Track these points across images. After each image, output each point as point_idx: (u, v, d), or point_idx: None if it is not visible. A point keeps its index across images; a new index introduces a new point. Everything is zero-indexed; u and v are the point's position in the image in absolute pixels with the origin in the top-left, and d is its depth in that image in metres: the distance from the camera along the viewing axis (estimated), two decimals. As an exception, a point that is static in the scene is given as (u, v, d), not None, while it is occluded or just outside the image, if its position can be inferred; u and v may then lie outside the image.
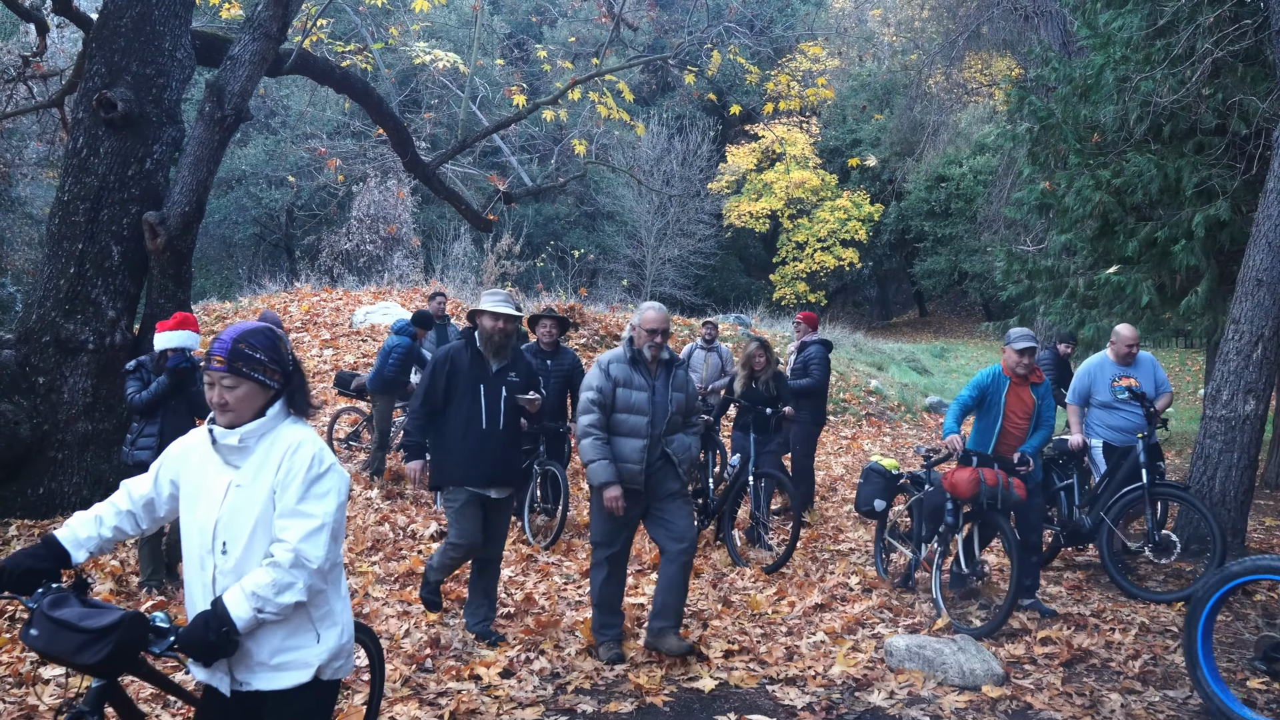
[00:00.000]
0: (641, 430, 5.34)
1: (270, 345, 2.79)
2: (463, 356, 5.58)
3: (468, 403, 5.48)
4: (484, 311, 5.60)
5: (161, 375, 6.20)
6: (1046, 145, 10.99)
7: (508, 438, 5.60)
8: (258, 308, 17.05)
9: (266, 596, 2.63)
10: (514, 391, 5.62)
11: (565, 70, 13.92)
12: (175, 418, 6.26)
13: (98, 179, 7.58)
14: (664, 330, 5.41)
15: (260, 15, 7.86)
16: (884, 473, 7.12)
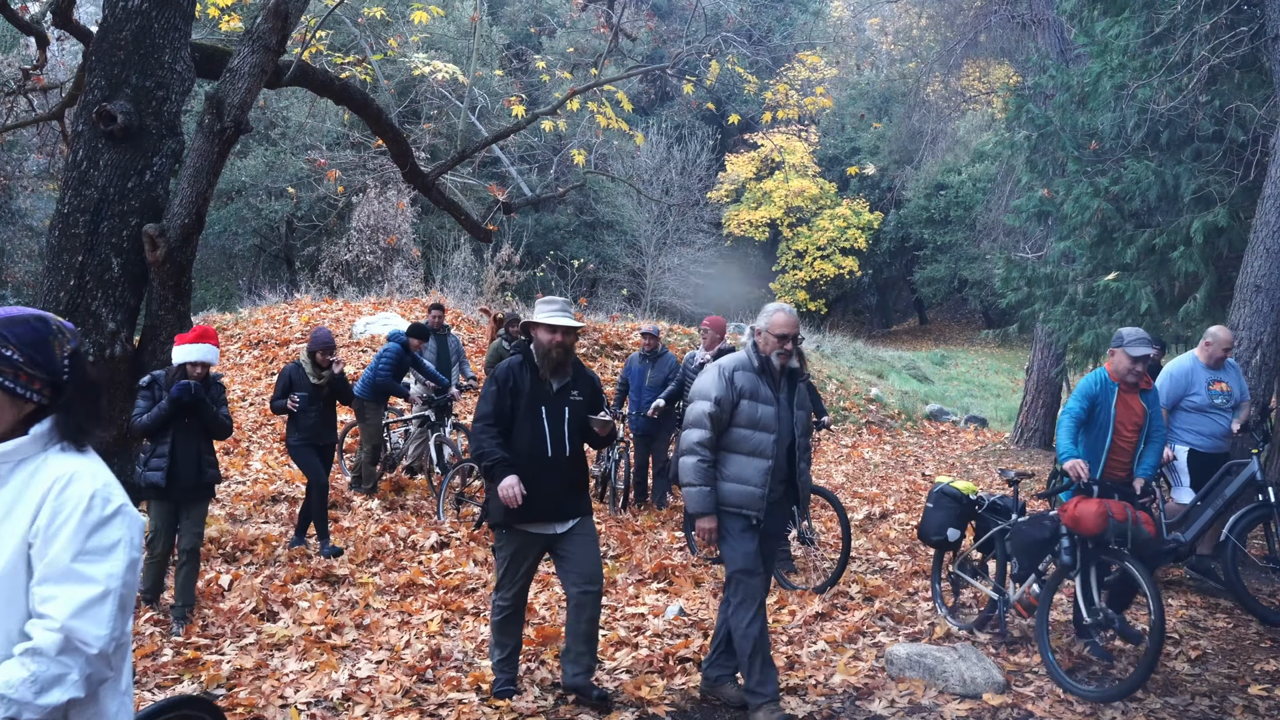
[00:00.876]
0: (767, 450, 4.67)
1: (34, 342, 2.07)
2: (522, 374, 4.83)
3: (529, 428, 4.77)
4: (539, 324, 4.85)
5: (173, 389, 5.99)
6: (1045, 153, 11.03)
7: (573, 467, 4.90)
8: (258, 318, 17.06)
9: (22, 698, 1.86)
10: (579, 413, 4.90)
11: (564, 80, 13.95)
12: (188, 438, 6.05)
13: (98, 191, 7.59)
14: (795, 336, 4.78)
15: (259, 28, 7.88)
16: (959, 497, 6.18)
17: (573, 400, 4.89)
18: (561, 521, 4.82)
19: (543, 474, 4.71)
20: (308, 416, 7.75)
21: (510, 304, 20.37)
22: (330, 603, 6.48)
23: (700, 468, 4.64)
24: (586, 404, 4.95)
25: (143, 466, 6.01)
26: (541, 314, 4.85)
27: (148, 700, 4.72)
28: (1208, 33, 8.39)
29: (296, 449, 7.91)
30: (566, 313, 4.88)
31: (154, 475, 5.90)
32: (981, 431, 17.71)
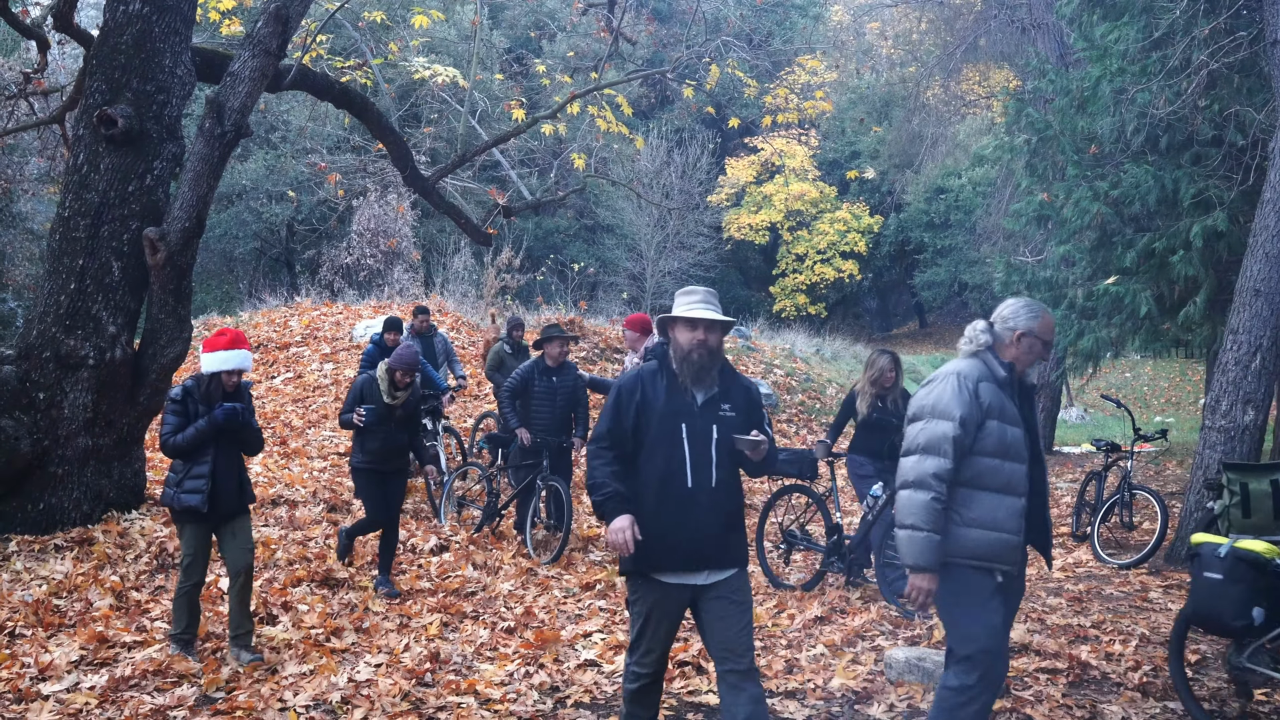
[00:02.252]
0: (1020, 485, 3.82)
1: None
2: (655, 384, 3.88)
3: (663, 451, 3.79)
4: (675, 320, 3.90)
5: (215, 411, 5.39)
6: (1044, 157, 11.04)
7: (724, 501, 3.85)
8: (258, 321, 17.07)
9: None
10: (730, 431, 3.84)
11: (564, 84, 13.98)
12: (229, 456, 5.51)
13: (98, 195, 7.60)
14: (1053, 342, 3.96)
15: (260, 32, 7.90)
16: (1261, 563, 4.51)
17: (723, 416, 3.85)
18: (707, 571, 3.79)
19: (682, 510, 3.77)
20: (374, 437, 6.99)
21: (511, 307, 20.37)
22: (329, 606, 6.48)
23: (934, 508, 3.71)
24: (741, 420, 3.89)
25: (174, 488, 5.41)
26: (680, 306, 3.89)
27: (145, 703, 4.73)
28: (1207, 37, 8.40)
29: (359, 473, 7.17)
30: (711, 304, 3.88)
31: (192, 499, 5.33)
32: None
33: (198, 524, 5.42)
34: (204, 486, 5.34)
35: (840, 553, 7.14)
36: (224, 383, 5.46)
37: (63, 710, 4.66)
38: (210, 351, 5.46)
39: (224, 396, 5.46)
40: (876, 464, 7.19)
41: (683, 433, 3.81)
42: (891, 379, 7.31)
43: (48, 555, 6.97)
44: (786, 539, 7.79)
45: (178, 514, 5.42)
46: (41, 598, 6.16)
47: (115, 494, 7.81)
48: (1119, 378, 26.54)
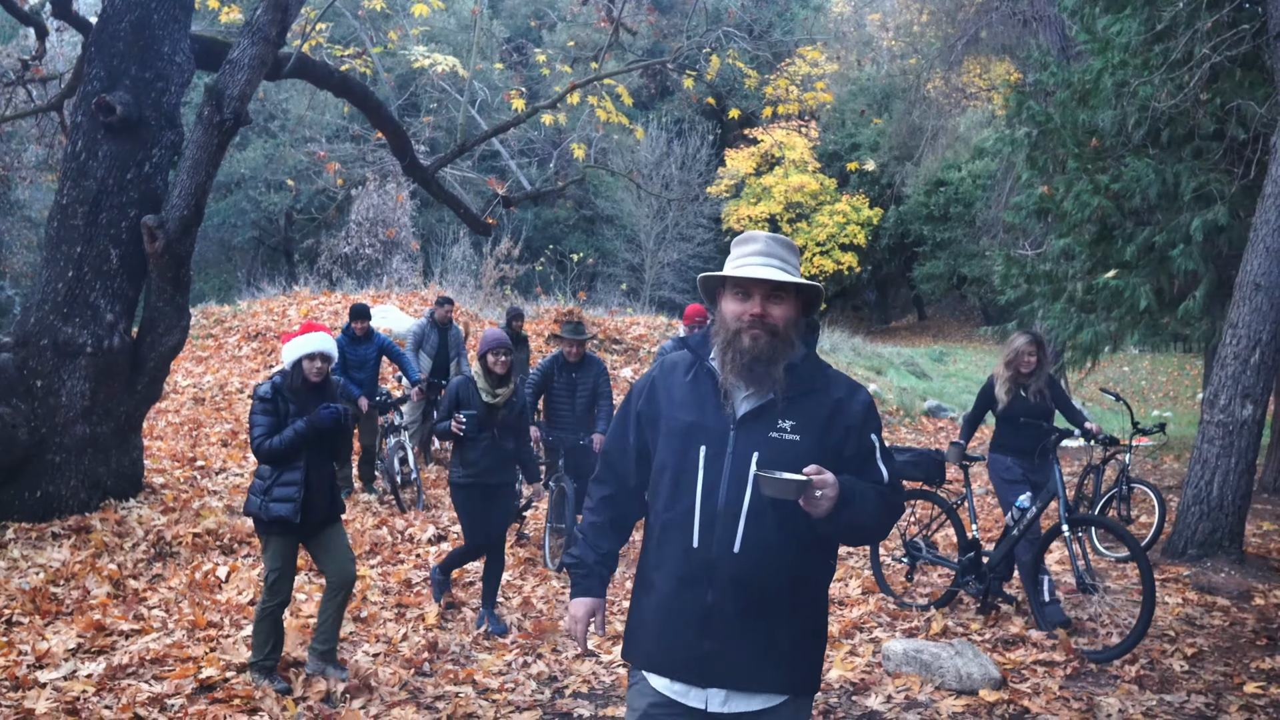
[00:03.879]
0: None
1: None
2: (675, 382, 2.66)
3: (668, 486, 2.58)
4: (725, 284, 2.63)
5: (320, 411, 4.91)
6: (1045, 150, 11.01)
7: (762, 577, 2.50)
8: (256, 310, 17.04)
9: None
10: (783, 464, 2.43)
11: (564, 74, 13.93)
12: (322, 462, 5.04)
13: (96, 183, 7.58)
14: None
15: (259, 19, 7.86)
16: None
17: (775, 439, 2.50)
18: (723, 693, 2.52)
19: (684, 588, 2.52)
20: (475, 447, 6.03)
21: (510, 297, 20.35)
22: (327, 595, 6.47)
23: None
24: (810, 448, 2.49)
25: (261, 496, 4.90)
26: (732, 261, 2.61)
27: (143, 691, 4.72)
28: (1209, 30, 8.37)
29: (458, 490, 6.16)
30: (779, 260, 2.56)
31: (283, 508, 4.84)
32: (982, 429, 17.69)
33: (286, 536, 4.94)
34: (296, 495, 4.85)
35: (978, 571, 6.25)
36: (307, 372, 4.97)
37: (60, 698, 4.66)
38: (289, 342, 5.04)
39: (308, 388, 5.01)
40: (1023, 464, 6.29)
41: (698, 460, 2.51)
42: (1032, 363, 6.32)
43: (45, 543, 6.97)
44: (909, 551, 6.80)
45: (264, 525, 4.91)
46: (39, 585, 6.16)
47: (113, 482, 7.81)
48: (1117, 371, 26.55)
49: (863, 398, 2.59)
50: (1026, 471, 6.25)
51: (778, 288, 2.52)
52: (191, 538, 7.29)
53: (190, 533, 7.34)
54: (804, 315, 2.61)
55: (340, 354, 8.84)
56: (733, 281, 2.57)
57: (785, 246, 2.59)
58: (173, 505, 8.02)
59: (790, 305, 2.55)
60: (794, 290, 2.55)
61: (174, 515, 7.77)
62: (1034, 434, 6.17)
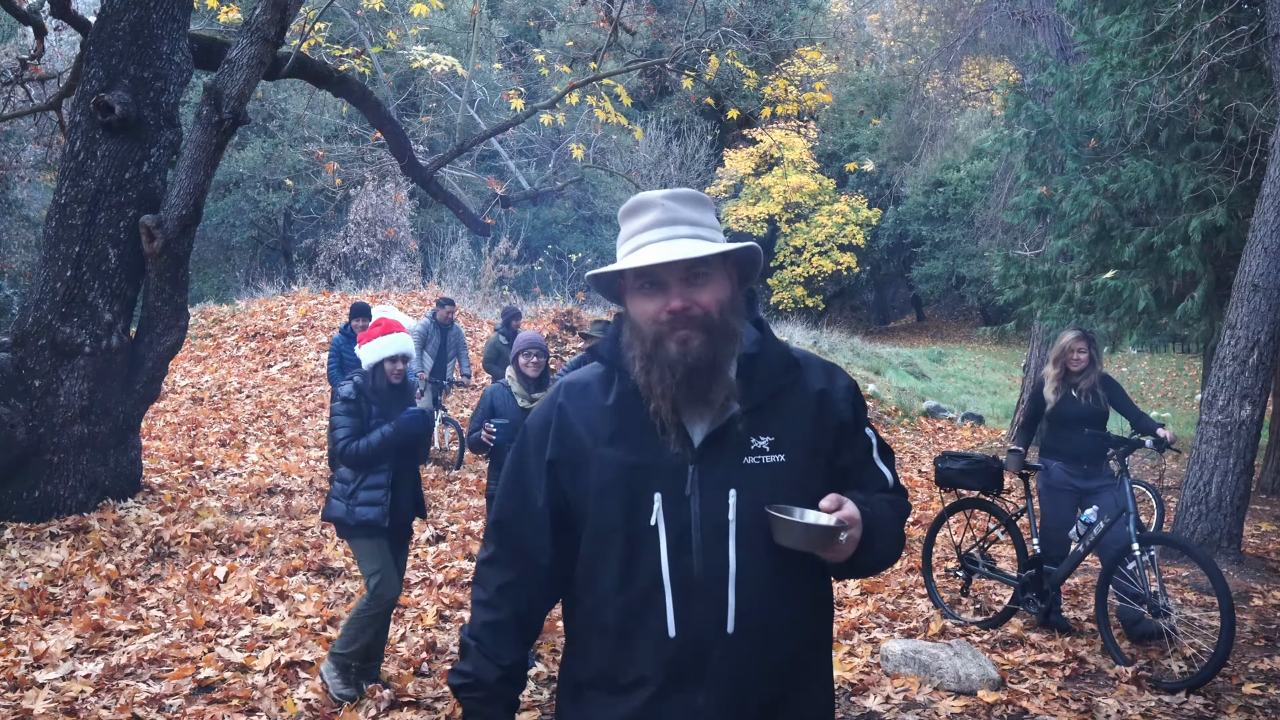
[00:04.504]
0: None
1: None
2: (592, 411, 1.94)
3: (615, 559, 1.87)
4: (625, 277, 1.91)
5: (404, 415, 4.80)
6: (1044, 150, 11.02)
7: (771, 664, 1.86)
8: (254, 310, 17.03)
9: None
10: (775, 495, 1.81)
11: (563, 74, 13.93)
12: (407, 465, 4.94)
13: (95, 182, 7.57)
14: None
15: (258, 19, 7.86)
16: None
17: (754, 465, 1.86)
18: None
19: (682, 689, 1.83)
20: None
21: (508, 297, 20.36)
22: (326, 595, 6.47)
23: None
24: (801, 466, 1.88)
25: (345, 500, 4.77)
26: (625, 245, 1.91)
27: (141, 691, 4.72)
28: (1208, 31, 8.37)
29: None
30: (684, 224, 1.87)
31: (369, 512, 4.72)
32: (978, 428, 17.72)
33: (375, 538, 4.79)
34: (382, 498, 4.74)
35: (1040, 589, 5.82)
36: (389, 374, 4.87)
37: (58, 698, 4.65)
38: (365, 343, 4.92)
39: (389, 389, 4.90)
40: (1072, 471, 5.93)
41: (654, 513, 1.82)
42: (1082, 360, 5.93)
43: (43, 543, 6.96)
44: (964, 564, 6.39)
45: (349, 529, 4.77)
46: (37, 586, 6.16)
47: (111, 482, 7.80)
48: (1116, 372, 26.55)
49: (844, 381, 1.96)
50: (1074, 479, 5.91)
51: (697, 264, 1.80)
52: (190, 538, 7.28)
53: (189, 533, 7.34)
54: (742, 287, 1.93)
55: (338, 354, 8.85)
56: (634, 274, 1.84)
57: (691, 202, 1.88)
58: (171, 505, 8.01)
59: (721, 281, 1.84)
60: (720, 261, 1.84)
61: (172, 515, 7.77)
62: (1086, 438, 5.77)
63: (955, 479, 6.26)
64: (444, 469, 10.68)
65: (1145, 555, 5.33)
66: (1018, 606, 5.94)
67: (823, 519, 1.74)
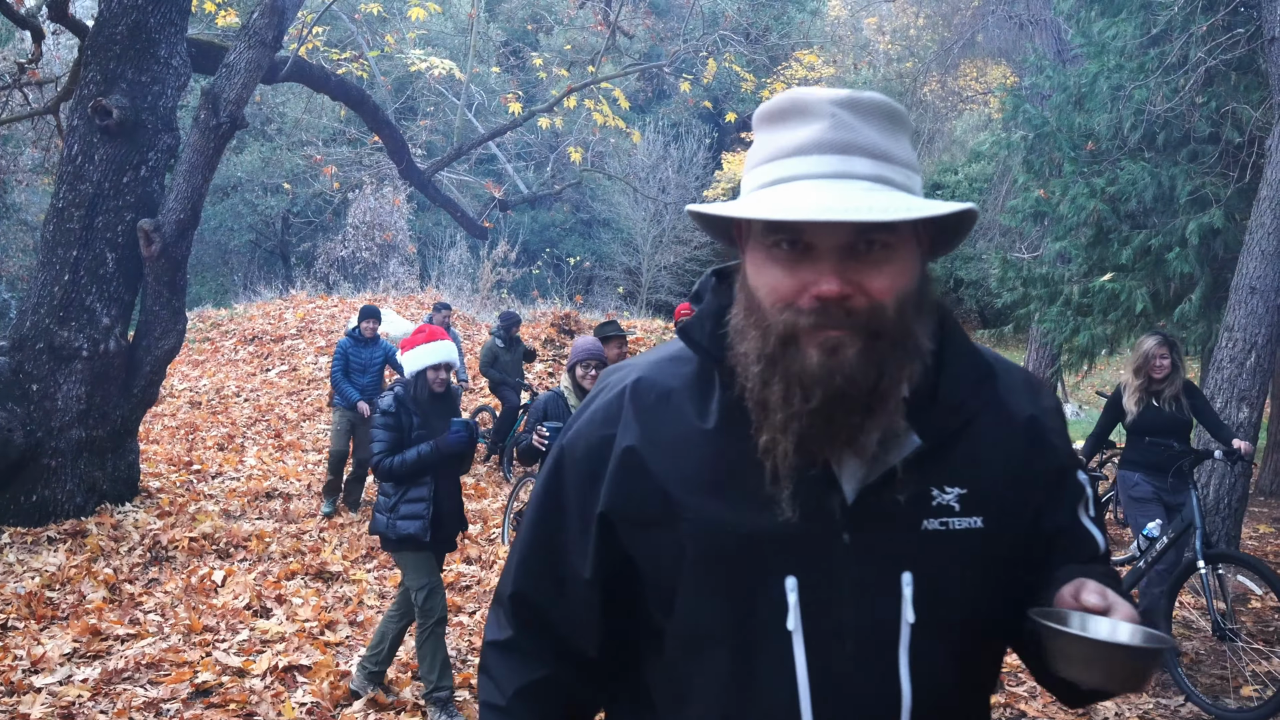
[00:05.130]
0: None
1: None
2: (684, 430, 1.21)
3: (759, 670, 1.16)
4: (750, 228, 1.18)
5: (449, 435, 4.61)
6: (1041, 153, 11.03)
7: None
8: (253, 314, 17.03)
9: None
10: (971, 579, 1.18)
11: (561, 78, 13.94)
12: (451, 478, 4.80)
13: (92, 186, 7.57)
14: None
15: (256, 23, 7.86)
16: None
17: (944, 533, 1.17)
18: None
19: None
20: None
21: (507, 301, 20.36)
22: (324, 599, 6.47)
23: None
24: (1006, 533, 1.21)
25: (387, 514, 4.65)
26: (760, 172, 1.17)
27: (138, 695, 4.72)
28: (1204, 34, 8.39)
29: None
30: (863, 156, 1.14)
31: (411, 526, 4.59)
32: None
33: (419, 552, 4.66)
34: (424, 511, 4.60)
35: None
36: (431, 383, 4.73)
37: (55, 703, 4.65)
38: (408, 350, 4.76)
39: (431, 399, 4.76)
40: (1155, 482, 5.60)
41: (788, 610, 1.17)
42: (1165, 367, 5.59)
43: (40, 547, 6.96)
44: None
45: (393, 543, 4.65)
46: (34, 590, 6.15)
47: (109, 486, 7.79)
48: (1114, 375, 26.54)
49: (1050, 403, 1.32)
50: (1159, 491, 5.56)
51: (876, 229, 1.11)
52: (187, 542, 7.28)
53: (186, 537, 7.33)
54: (934, 259, 1.26)
55: (343, 356, 8.67)
56: (767, 227, 1.15)
57: (877, 117, 1.20)
58: (169, 509, 8.00)
59: (907, 258, 1.16)
60: (911, 226, 1.16)
61: (170, 519, 7.76)
62: (1167, 448, 5.46)
63: None
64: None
65: (1212, 574, 5.04)
66: None
67: (1148, 636, 1.11)
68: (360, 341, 8.77)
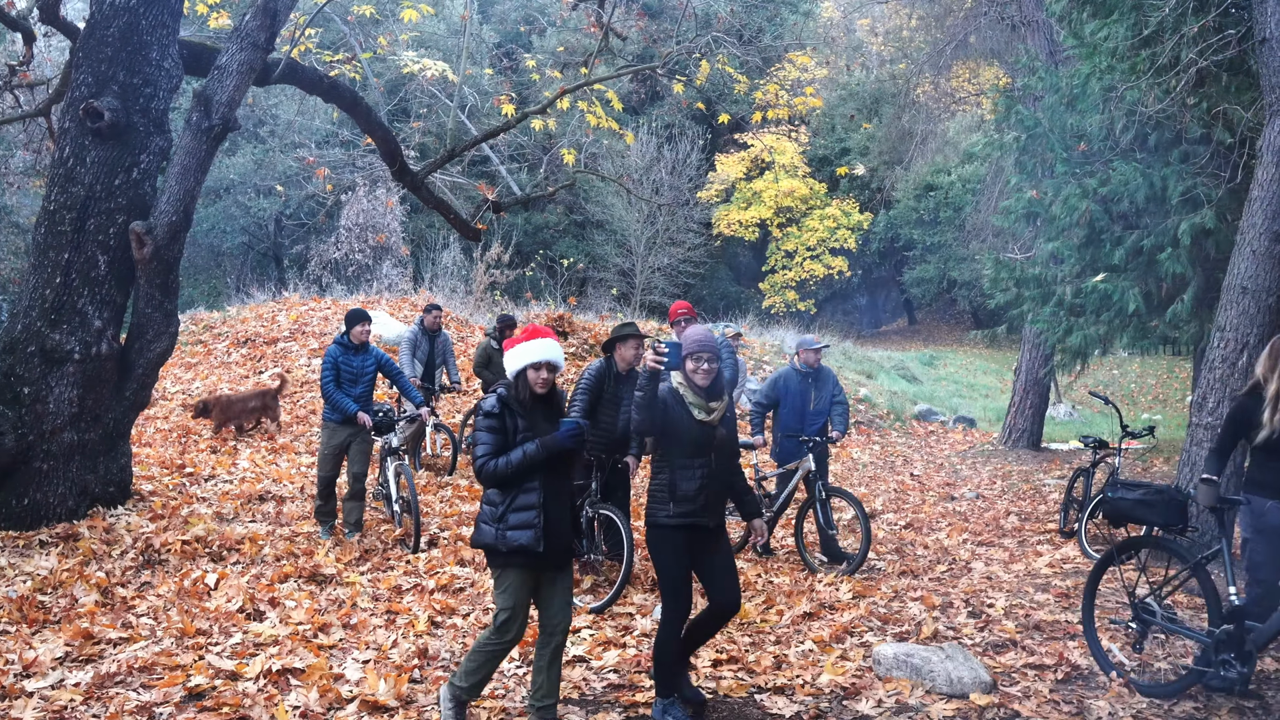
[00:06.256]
0: None
1: None
2: None
3: None
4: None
5: (559, 433, 4.31)
6: (1034, 154, 11.06)
7: None
8: (245, 316, 16.99)
9: None
10: None
11: (554, 79, 13.94)
12: (560, 483, 4.45)
13: (84, 188, 7.55)
14: None
15: (248, 25, 7.85)
16: None
17: None
18: None
19: None
20: (690, 476, 4.68)
21: (500, 303, 20.35)
22: (317, 602, 6.45)
23: None
24: None
25: (494, 524, 4.33)
26: None
27: (131, 699, 4.70)
28: (1196, 35, 8.41)
29: (660, 532, 4.69)
30: None
31: (523, 536, 4.26)
32: (970, 432, 17.76)
33: (525, 569, 4.35)
34: (534, 520, 4.28)
35: (1239, 650, 4.72)
36: (532, 382, 4.40)
37: (47, 707, 4.63)
38: (511, 349, 4.48)
39: (534, 400, 4.45)
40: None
41: None
42: None
43: (32, 551, 6.93)
44: (1139, 615, 5.26)
45: (502, 556, 4.33)
46: (26, 594, 6.12)
47: (101, 489, 7.77)
48: (1107, 375, 26.63)
49: None
50: None
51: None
52: (180, 545, 7.26)
53: (179, 540, 7.31)
54: None
55: (333, 365, 8.04)
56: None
57: None
58: (161, 512, 7.98)
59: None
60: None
61: (163, 522, 7.74)
62: None
63: (1129, 513, 5.33)
64: (435, 474, 10.66)
65: None
66: (1208, 669, 4.81)
67: None
68: (350, 349, 8.16)
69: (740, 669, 5.39)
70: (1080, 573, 7.61)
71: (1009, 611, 6.40)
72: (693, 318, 8.11)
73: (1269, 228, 7.27)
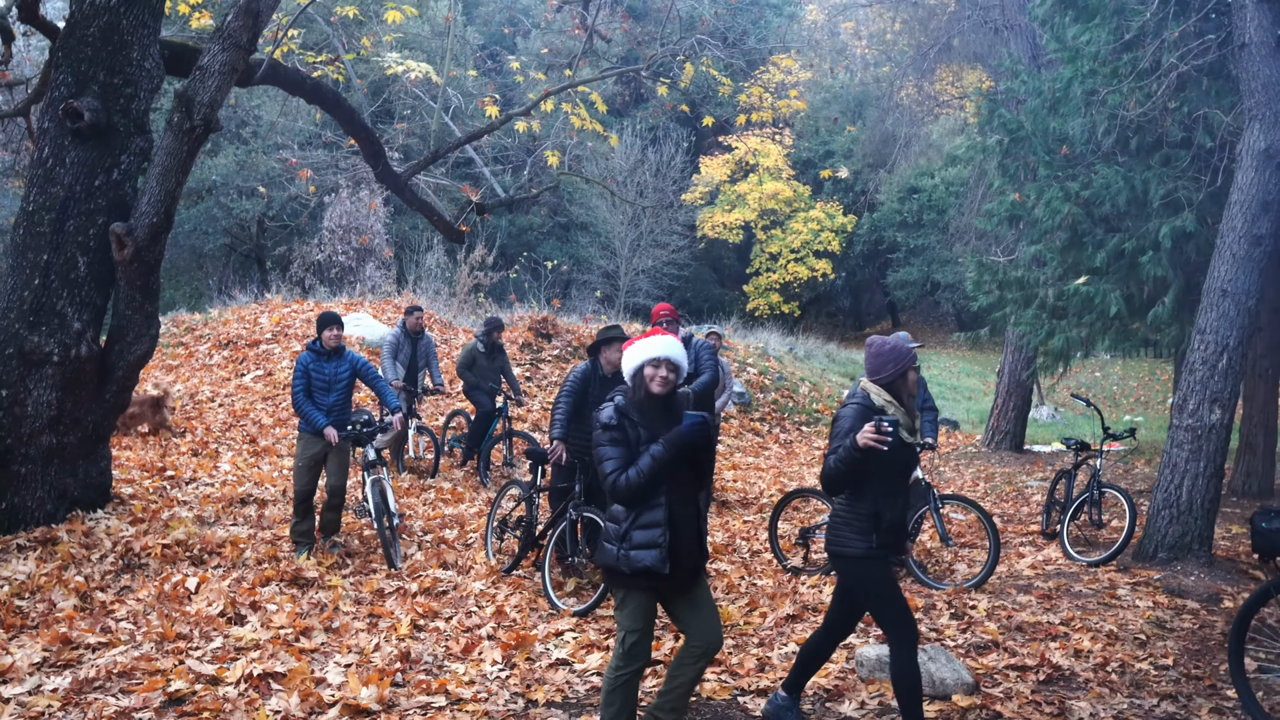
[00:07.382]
0: None
1: None
2: None
3: None
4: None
5: (683, 426, 3.89)
6: (1016, 157, 11.12)
7: None
8: (227, 318, 16.89)
9: None
10: None
11: (538, 81, 13.92)
12: (685, 494, 4.06)
13: (64, 189, 7.48)
14: None
15: (230, 25, 7.80)
16: None
17: None
18: None
19: None
20: (893, 502, 4.36)
21: (484, 305, 20.31)
22: (299, 606, 6.42)
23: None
24: None
25: (617, 543, 3.98)
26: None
27: (110, 705, 4.66)
28: (1176, 40, 8.47)
29: (874, 566, 4.37)
30: None
31: (648, 556, 3.91)
32: (953, 434, 17.81)
33: (650, 590, 4.03)
34: (660, 538, 3.92)
35: None
36: (649, 380, 4.01)
37: (24, 713, 4.58)
38: (628, 348, 4.13)
39: (652, 402, 4.07)
40: None
41: None
42: None
43: (10, 555, 6.86)
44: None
45: (625, 578, 3.99)
46: (3, 599, 6.06)
47: (80, 493, 7.70)
48: (1089, 377, 26.79)
49: None
50: None
51: None
52: (160, 549, 7.20)
53: (159, 544, 7.25)
54: None
55: (304, 374, 7.66)
56: None
57: None
58: (141, 516, 7.92)
59: None
60: None
61: (143, 526, 7.68)
62: None
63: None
64: (419, 477, 10.62)
65: None
66: None
67: None
68: (322, 355, 7.78)
69: (724, 671, 5.39)
70: (1063, 574, 7.64)
71: (991, 613, 6.42)
72: (675, 320, 8.00)
73: (1248, 231, 7.33)
